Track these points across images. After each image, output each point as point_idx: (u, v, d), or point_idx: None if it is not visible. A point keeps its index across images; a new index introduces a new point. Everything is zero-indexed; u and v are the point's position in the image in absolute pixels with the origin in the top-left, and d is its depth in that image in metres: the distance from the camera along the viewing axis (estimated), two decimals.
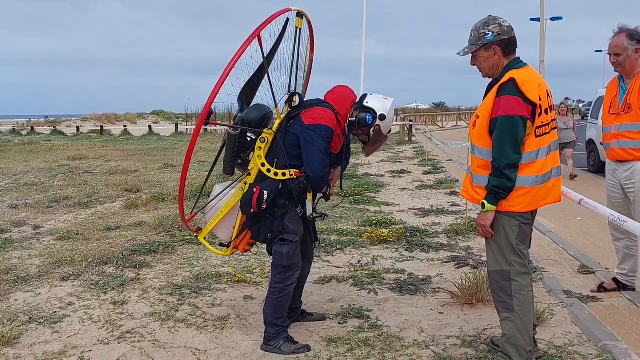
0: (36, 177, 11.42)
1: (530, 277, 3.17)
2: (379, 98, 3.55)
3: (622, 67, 4.11)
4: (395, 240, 6.13)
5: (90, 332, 3.84)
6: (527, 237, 3.15)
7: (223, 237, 3.76)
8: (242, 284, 4.76)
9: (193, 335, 3.78)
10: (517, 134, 2.93)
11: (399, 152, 17.80)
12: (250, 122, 3.45)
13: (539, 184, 3.02)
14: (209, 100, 3.18)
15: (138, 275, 4.98)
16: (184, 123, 36.31)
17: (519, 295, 3.05)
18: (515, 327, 3.05)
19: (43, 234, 6.62)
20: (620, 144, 4.12)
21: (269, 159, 3.44)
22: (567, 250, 5.83)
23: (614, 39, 4.12)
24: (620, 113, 4.12)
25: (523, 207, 3.03)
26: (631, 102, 4.06)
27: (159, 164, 13.55)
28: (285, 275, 3.50)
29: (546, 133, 3.02)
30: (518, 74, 2.99)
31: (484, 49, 3.09)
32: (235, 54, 3.22)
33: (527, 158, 2.99)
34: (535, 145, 2.99)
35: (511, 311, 3.06)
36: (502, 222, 3.06)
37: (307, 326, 3.88)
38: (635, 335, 3.72)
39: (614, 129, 4.15)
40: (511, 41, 3.08)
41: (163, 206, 8.17)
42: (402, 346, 3.57)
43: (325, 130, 3.36)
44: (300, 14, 3.63)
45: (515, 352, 3.06)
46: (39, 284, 4.78)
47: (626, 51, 4.03)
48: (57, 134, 29.73)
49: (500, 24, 3.07)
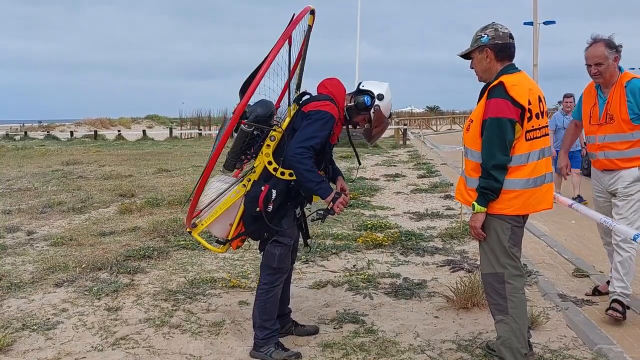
0: (30, 183, 11.37)
1: (523, 280, 3.18)
2: (374, 82, 3.57)
3: (603, 77, 4.02)
4: (390, 244, 6.12)
5: (84, 338, 3.81)
6: (520, 240, 3.18)
7: (218, 234, 3.65)
8: (236, 289, 4.75)
9: (188, 341, 3.76)
10: (505, 135, 2.96)
11: (394, 156, 17.82)
12: (259, 118, 3.42)
13: (530, 187, 3.04)
14: (243, 101, 3.27)
15: (132, 281, 4.96)
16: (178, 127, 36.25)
17: (513, 298, 3.07)
18: (509, 329, 3.06)
19: (36, 240, 6.58)
20: (606, 155, 4.07)
21: (276, 157, 3.40)
22: (562, 253, 5.85)
23: (592, 50, 4.03)
24: (603, 124, 4.06)
25: (514, 210, 3.05)
26: (612, 112, 4.01)
27: (154, 169, 13.51)
28: (273, 277, 3.49)
29: (537, 137, 3.05)
30: (508, 78, 3.04)
31: (478, 50, 3.17)
32: (268, 56, 3.27)
33: (518, 161, 3.02)
34: (526, 148, 3.02)
35: (505, 314, 3.08)
36: (494, 225, 3.08)
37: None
38: (630, 338, 3.73)
39: (598, 140, 4.10)
40: (505, 46, 3.12)
41: (157, 211, 8.14)
42: (398, 351, 3.57)
43: (324, 115, 3.30)
44: (312, 11, 3.62)
45: (510, 354, 3.07)
46: (33, 290, 4.75)
47: (607, 60, 3.96)
48: (51, 138, 29.65)
49: (497, 29, 3.13)
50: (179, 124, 37.97)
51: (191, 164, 14.22)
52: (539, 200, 3.09)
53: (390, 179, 12.04)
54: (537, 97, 3.08)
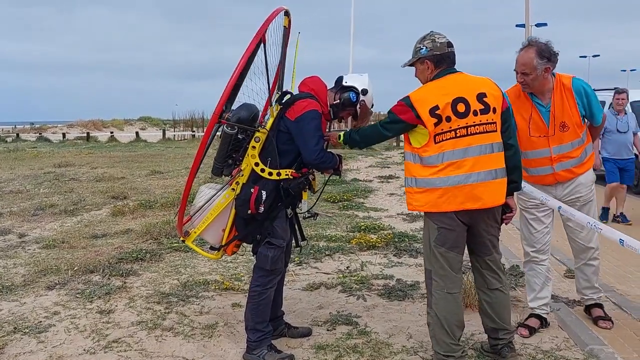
0: (21, 185, 11.30)
1: (451, 280, 3.21)
2: (355, 76, 3.64)
3: (530, 88, 3.68)
4: (383, 246, 6.14)
5: (76, 341, 3.79)
6: (454, 242, 3.20)
7: (212, 240, 3.67)
8: (230, 291, 4.74)
9: (180, 343, 3.75)
10: (387, 123, 3.26)
11: (387, 158, 17.84)
12: (242, 121, 3.44)
13: (440, 186, 3.09)
14: (221, 100, 3.31)
15: (125, 284, 4.94)
16: (171, 129, 36.17)
17: (436, 294, 3.23)
18: (433, 321, 3.23)
19: (28, 242, 6.54)
20: (563, 166, 3.78)
21: (262, 158, 3.43)
22: (554, 254, 5.86)
23: (522, 55, 3.65)
24: (552, 134, 3.73)
25: (428, 207, 3.16)
26: (565, 119, 3.69)
27: (146, 171, 13.47)
28: (266, 279, 3.49)
29: (452, 138, 3.09)
30: (415, 92, 3.21)
31: (419, 62, 3.29)
32: (242, 57, 3.30)
33: (428, 161, 3.12)
34: (436, 150, 3.10)
35: (430, 307, 3.27)
36: (426, 224, 3.30)
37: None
38: (621, 339, 3.75)
39: (553, 152, 3.75)
40: (443, 57, 3.22)
41: (150, 213, 8.12)
42: (391, 352, 3.58)
43: (313, 113, 3.39)
44: (287, 12, 3.66)
45: (435, 342, 3.26)
46: (24, 293, 4.73)
47: (535, 71, 3.58)
48: (43, 140, 29.47)
49: (434, 40, 3.24)
50: (172, 125, 37.89)
51: (184, 166, 14.18)
52: (461, 199, 3.10)
53: (384, 181, 12.05)
54: (451, 100, 3.10)
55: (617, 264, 5.56)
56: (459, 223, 3.17)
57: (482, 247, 3.33)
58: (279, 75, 3.67)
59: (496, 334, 3.39)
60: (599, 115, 3.82)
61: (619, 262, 5.57)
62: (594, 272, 4.04)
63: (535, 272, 3.95)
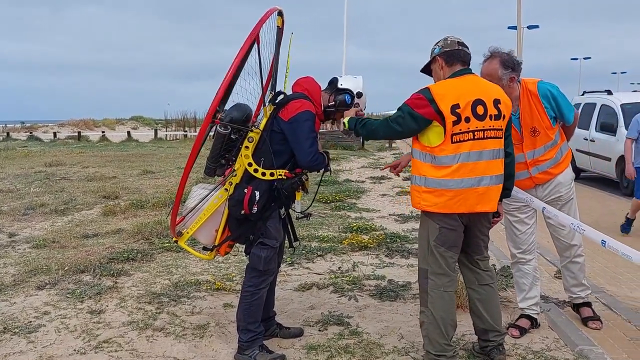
0: (12, 184, 11.21)
1: (448, 279, 3.23)
2: (349, 78, 3.64)
3: None
4: (375, 247, 6.14)
5: (66, 341, 3.77)
6: (454, 242, 3.22)
7: (204, 241, 3.67)
8: (221, 291, 4.73)
9: (171, 344, 3.74)
10: (397, 117, 3.18)
11: (380, 159, 17.86)
12: (235, 121, 3.44)
13: (452, 187, 3.08)
14: (215, 100, 3.31)
15: (116, 284, 4.92)
16: (163, 129, 36.03)
17: (432, 293, 3.22)
18: (427, 320, 3.23)
19: (18, 242, 6.50)
20: (539, 169, 3.83)
21: (255, 158, 3.42)
22: (544, 255, 5.90)
23: (486, 66, 3.69)
24: (522, 141, 3.76)
25: (438, 207, 3.13)
26: (535, 125, 3.74)
27: (138, 170, 13.40)
28: (259, 279, 3.48)
29: (468, 140, 3.08)
30: (435, 85, 3.20)
31: (433, 62, 3.34)
32: (236, 58, 3.30)
33: (442, 161, 3.10)
34: (452, 150, 3.08)
35: (425, 306, 3.26)
36: (425, 223, 3.27)
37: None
38: (611, 339, 3.78)
39: (527, 157, 3.79)
40: (453, 52, 3.25)
41: (142, 213, 8.08)
42: (382, 352, 3.58)
43: (307, 114, 3.39)
44: (280, 12, 3.66)
45: (427, 342, 3.24)
46: (14, 293, 4.69)
47: (500, 81, 3.58)
48: (34, 139, 29.27)
49: (446, 39, 3.30)
50: (164, 125, 37.76)
51: (176, 166, 14.13)
52: (472, 202, 3.12)
53: (376, 182, 12.07)
54: (472, 100, 3.09)
55: (607, 265, 5.60)
56: (460, 223, 3.19)
57: (475, 247, 3.36)
58: (272, 75, 3.67)
59: (486, 335, 3.41)
60: (570, 115, 3.85)
61: (609, 264, 5.61)
62: (580, 269, 4.07)
63: (522, 273, 3.98)
